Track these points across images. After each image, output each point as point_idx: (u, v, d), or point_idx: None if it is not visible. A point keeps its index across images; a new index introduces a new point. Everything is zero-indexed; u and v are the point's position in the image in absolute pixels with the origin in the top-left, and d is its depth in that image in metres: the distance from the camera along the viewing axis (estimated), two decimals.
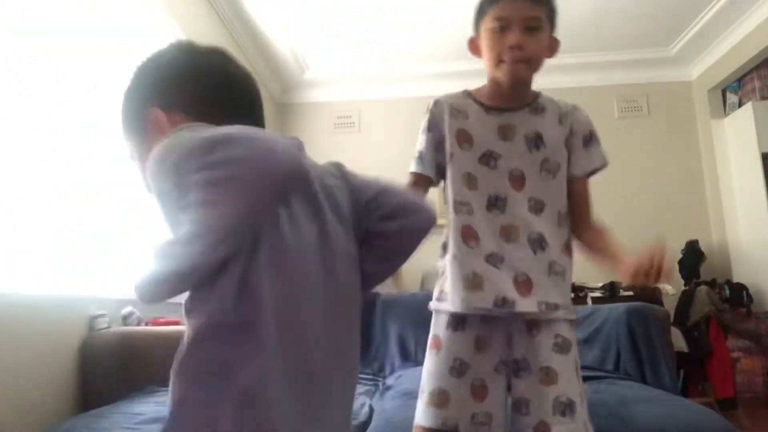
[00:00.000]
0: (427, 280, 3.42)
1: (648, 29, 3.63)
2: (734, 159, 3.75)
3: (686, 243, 3.61)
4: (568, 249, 1.11)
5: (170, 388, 0.60)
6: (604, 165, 1.17)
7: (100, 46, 2.04)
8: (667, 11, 3.41)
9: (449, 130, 1.12)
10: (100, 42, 2.05)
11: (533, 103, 1.13)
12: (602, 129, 4.63)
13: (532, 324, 1.06)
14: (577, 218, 1.15)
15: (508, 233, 1.07)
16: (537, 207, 1.09)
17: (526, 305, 1.04)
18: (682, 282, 3.56)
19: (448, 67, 3.95)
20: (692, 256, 3.57)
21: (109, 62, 2.09)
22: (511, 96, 1.12)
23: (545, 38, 1.08)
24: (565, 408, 1.00)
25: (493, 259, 1.06)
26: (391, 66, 3.95)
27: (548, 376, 1.02)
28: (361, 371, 2.28)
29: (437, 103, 1.16)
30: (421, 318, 2.39)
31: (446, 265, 1.11)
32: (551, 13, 1.12)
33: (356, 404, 1.67)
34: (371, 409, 1.62)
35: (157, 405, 1.59)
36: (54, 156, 1.77)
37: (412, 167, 1.16)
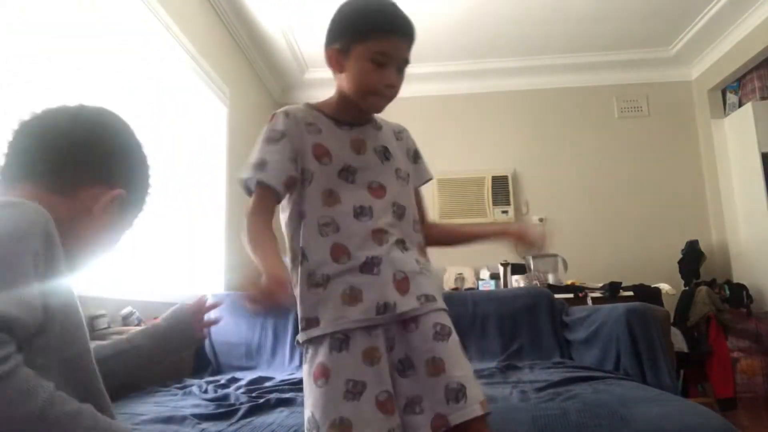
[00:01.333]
0: None
1: (648, 29, 3.63)
2: (734, 159, 3.76)
3: (686, 243, 3.62)
4: (424, 252, 1.15)
5: None
6: (431, 178, 1.27)
7: (99, 46, 2.04)
8: (667, 11, 3.41)
9: (306, 144, 1.08)
10: (100, 41, 2.05)
11: (372, 120, 1.18)
12: (602, 129, 4.66)
13: (409, 320, 1.03)
14: (421, 223, 1.21)
15: (379, 237, 1.06)
16: (399, 212, 1.11)
17: (407, 303, 1.02)
18: (682, 282, 3.56)
19: (448, 67, 3.95)
20: (692, 256, 3.57)
21: (109, 62, 2.09)
22: (358, 112, 1.14)
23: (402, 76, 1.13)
24: (458, 393, 0.97)
25: (369, 266, 1.03)
26: None
27: (434, 366, 0.99)
28: None
29: (289, 113, 1.11)
30: None
31: (311, 291, 1.04)
32: None
33: None
34: None
35: (156, 405, 1.59)
36: None
37: (252, 174, 1.06)
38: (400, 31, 1.09)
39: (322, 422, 0.96)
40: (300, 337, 1.06)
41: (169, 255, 2.49)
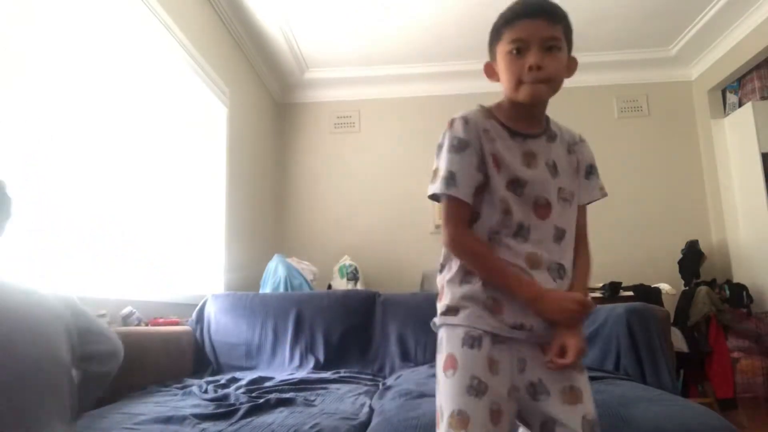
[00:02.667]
0: (427, 281, 3.42)
1: (648, 29, 3.63)
2: (734, 159, 3.76)
3: (686, 243, 3.62)
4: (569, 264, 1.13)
5: None
6: (603, 196, 1.22)
7: (99, 46, 2.04)
8: (666, 11, 3.41)
9: (486, 151, 1.07)
10: (100, 41, 2.05)
11: (548, 130, 1.14)
12: (602, 129, 4.67)
13: (546, 344, 1.05)
14: (576, 244, 1.17)
15: (531, 261, 1.05)
16: (559, 235, 1.09)
17: (544, 328, 1.04)
18: (682, 282, 3.56)
19: (448, 68, 3.95)
20: (692, 256, 3.57)
21: (108, 62, 2.09)
22: (531, 118, 1.11)
23: (564, 57, 1.07)
24: (593, 427, 1.00)
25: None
26: (391, 66, 3.95)
27: (573, 394, 1.01)
28: (361, 371, 2.28)
29: (468, 120, 1.08)
30: (421, 318, 2.40)
31: (462, 285, 1.07)
32: (568, 32, 1.09)
33: (356, 404, 1.67)
34: (371, 409, 1.62)
35: (156, 405, 1.59)
36: (54, 155, 1.77)
37: (443, 189, 1.05)
38: (526, 12, 1.06)
39: (446, 409, 1.01)
40: (437, 320, 1.10)
41: (169, 255, 2.49)
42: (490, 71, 1.14)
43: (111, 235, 2.04)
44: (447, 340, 1.07)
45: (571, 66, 1.13)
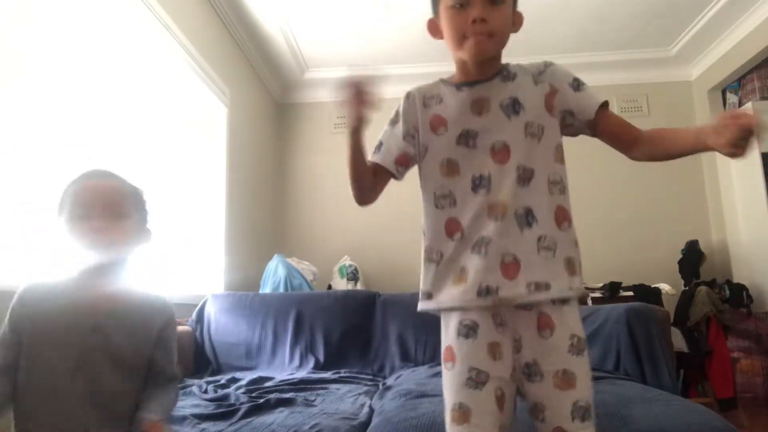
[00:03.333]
0: None
1: (648, 29, 3.63)
2: (734, 159, 3.75)
3: (686, 243, 3.62)
4: (560, 220, 1.04)
5: None
6: (600, 102, 1.13)
7: (99, 46, 2.04)
8: (667, 11, 3.41)
9: (422, 120, 1.10)
10: (100, 41, 2.05)
11: (503, 71, 1.09)
12: None
13: (544, 322, 0.99)
14: (631, 142, 1.20)
15: (495, 212, 1.00)
16: (525, 176, 1.02)
17: (511, 289, 0.97)
18: (682, 282, 3.56)
19: (448, 67, 3.95)
20: (692, 256, 3.57)
21: (108, 62, 2.09)
22: (480, 71, 1.07)
23: (508, 11, 1.05)
24: (585, 412, 0.96)
25: (479, 246, 1.00)
26: (391, 66, 3.95)
27: (566, 379, 0.97)
28: (361, 371, 2.28)
29: (409, 93, 1.15)
30: (421, 318, 2.39)
31: (427, 266, 1.08)
32: None
33: (356, 404, 1.67)
34: (371, 409, 1.62)
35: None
36: (54, 155, 1.76)
37: (370, 155, 1.15)
38: None
39: (447, 402, 1.01)
40: (419, 306, 1.09)
41: (169, 255, 2.49)
42: (434, 28, 1.11)
43: None
44: (444, 331, 1.06)
45: (516, 21, 1.11)
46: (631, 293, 3.27)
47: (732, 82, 3.84)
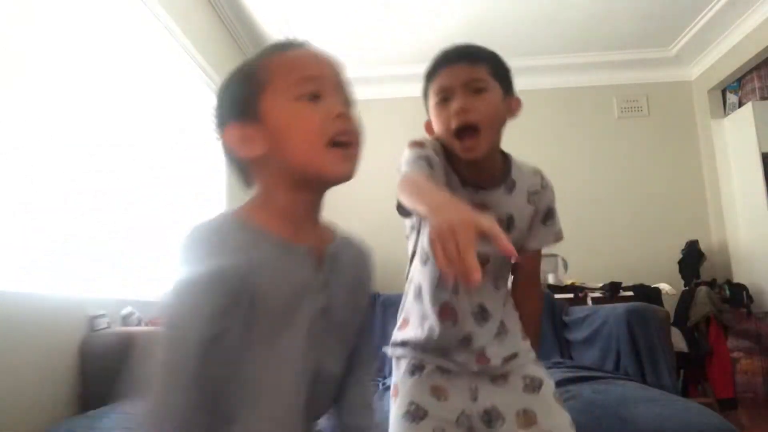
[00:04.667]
0: None
1: (648, 29, 3.63)
2: (734, 159, 3.75)
3: (686, 243, 3.62)
4: (508, 304, 1.11)
5: None
6: (558, 241, 1.15)
7: (99, 46, 2.04)
8: (667, 11, 3.41)
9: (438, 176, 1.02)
10: (100, 41, 2.05)
11: (506, 180, 1.06)
12: (602, 129, 4.66)
13: (497, 376, 1.03)
14: (524, 287, 1.16)
15: (480, 314, 1.04)
16: (497, 285, 1.07)
17: (489, 368, 1.03)
18: (682, 282, 3.56)
19: None
20: (692, 256, 3.57)
21: (108, 62, 2.09)
22: (482, 171, 1.03)
23: (494, 98, 0.99)
24: None
25: (465, 341, 1.04)
26: (391, 66, 3.95)
27: (526, 417, 0.98)
28: None
29: (435, 146, 1.04)
30: None
31: (417, 325, 1.08)
32: (499, 71, 1.02)
33: None
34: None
35: None
36: (54, 156, 1.76)
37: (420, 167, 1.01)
38: (446, 59, 1.02)
39: None
40: (389, 351, 1.13)
41: (169, 255, 2.49)
42: (429, 129, 1.09)
43: (111, 235, 2.04)
44: (395, 371, 1.10)
45: (512, 106, 1.04)
46: (631, 293, 3.27)
47: (732, 82, 3.84)
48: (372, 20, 3.40)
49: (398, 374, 1.08)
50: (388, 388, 1.82)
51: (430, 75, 1.04)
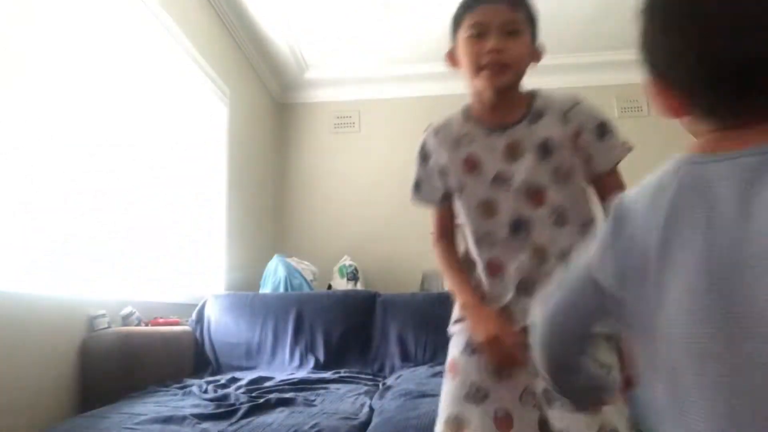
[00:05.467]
0: (427, 281, 3.42)
1: None
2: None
3: None
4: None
5: None
6: (627, 151, 1.12)
7: (99, 46, 2.04)
8: None
9: (455, 159, 1.08)
10: (100, 42, 2.05)
11: (531, 110, 1.07)
12: None
13: None
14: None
15: (538, 255, 1.01)
16: (560, 220, 1.03)
17: None
18: None
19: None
20: None
21: (109, 63, 2.09)
22: (506, 107, 1.06)
23: (526, 42, 1.04)
24: None
25: (524, 286, 1.01)
26: (391, 66, 3.95)
27: None
28: (361, 371, 2.28)
29: (438, 131, 1.12)
30: (421, 318, 2.40)
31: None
32: (531, 19, 1.05)
33: (356, 404, 1.67)
34: (371, 409, 1.62)
35: (156, 405, 1.59)
36: (54, 156, 1.77)
37: (412, 196, 1.16)
38: None
39: (443, 412, 1.00)
40: (449, 330, 1.11)
41: (169, 255, 2.49)
42: (452, 59, 1.11)
43: (111, 235, 2.04)
44: (452, 344, 1.08)
45: (536, 54, 1.08)
46: None
47: None
48: (372, 20, 3.40)
49: (456, 351, 1.05)
50: (389, 388, 1.82)
51: (469, 7, 1.05)
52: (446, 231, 1.14)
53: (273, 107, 4.18)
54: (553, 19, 3.45)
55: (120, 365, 1.77)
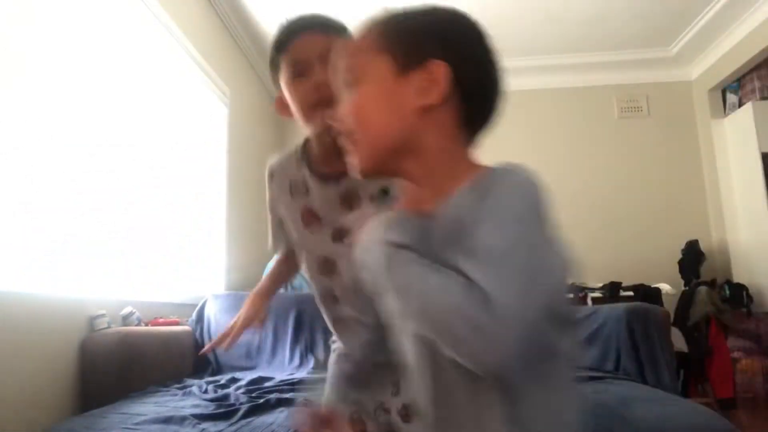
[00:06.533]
0: None
1: (648, 29, 3.63)
2: (734, 159, 3.75)
3: (686, 243, 3.61)
4: None
5: None
6: None
7: (100, 47, 2.04)
8: (667, 11, 3.41)
9: (291, 209, 0.98)
10: (101, 42, 2.05)
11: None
12: (602, 129, 4.65)
13: None
14: None
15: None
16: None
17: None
18: (682, 282, 3.56)
19: None
20: (692, 256, 3.57)
21: (110, 63, 2.09)
22: (339, 158, 0.95)
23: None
24: None
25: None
26: None
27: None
28: None
29: (273, 174, 1.01)
30: None
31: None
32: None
33: None
34: None
35: (156, 405, 1.59)
36: (54, 156, 1.76)
37: (272, 245, 1.11)
38: (301, 28, 0.93)
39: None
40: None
41: (169, 255, 2.49)
42: (281, 107, 0.99)
43: (111, 235, 2.04)
44: None
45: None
46: (631, 293, 3.27)
47: (732, 82, 3.84)
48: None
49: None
50: None
51: (279, 49, 0.96)
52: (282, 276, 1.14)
53: (273, 107, 4.18)
54: (553, 20, 3.46)
55: (120, 365, 1.77)
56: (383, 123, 0.61)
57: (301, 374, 2.18)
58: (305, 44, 0.91)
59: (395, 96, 0.60)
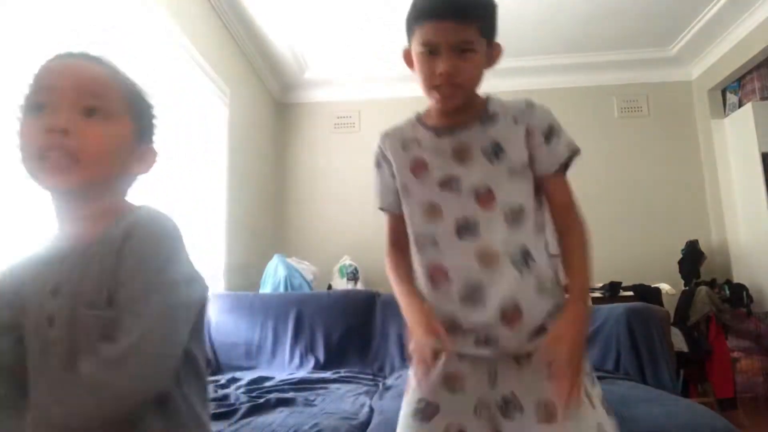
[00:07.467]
0: None
1: (648, 29, 3.63)
2: (734, 159, 3.76)
3: (686, 243, 3.62)
4: (549, 253, 1.01)
5: None
6: (573, 153, 1.03)
7: (100, 47, 2.04)
8: (667, 11, 3.41)
9: (402, 163, 1.06)
10: (101, 43, 2.05)
11: (483, 113, 1.03)
12: (602, 129, 4.66)
13: (521, 356, 0.93)
14: (559, 221, 1.01)
15: (483, 257, 0.95)
16: (514, 217, 0.97)
17: (514, 339, 0.92)
18: (682, 282, 3.56)
19: None
20: (692, 256, 3.57)
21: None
22: (457, 114, 1.02)
23: (479, 59, 0.97)
24: None
25: (471, 296, 0.94)
26: (391, 66, 3.95)
27: (547, 412, 0.86)
28: (361, 371, 2.28)
29: (387, 135, 1.12)
30: None
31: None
32: (486, 26, 0.97)
33: (356, 404, 1.67)
34: (371, 409, 1.62)
35: None
36: None
37: (377, 203, 1.14)
38: (433, 12, 0.95)
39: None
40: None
41: None
42: (408, 60, 1.06)
43: None
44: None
45: (493, 56, 1.02)
46: (631, 293, 3.27)
47: (732, 82, 3.85)
48: (372, 20, 3.40)
49: (412, 365, 0.98)
50: (389, 388, 1.82)
51: (417, 20, 0.98)
52: (399, 241, 1.10)
53: (273, 107, 4.18)
54: (553, 20, 3.46)
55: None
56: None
57: (301, 374, 2.18)
58: (439, 30, 0.95)
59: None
